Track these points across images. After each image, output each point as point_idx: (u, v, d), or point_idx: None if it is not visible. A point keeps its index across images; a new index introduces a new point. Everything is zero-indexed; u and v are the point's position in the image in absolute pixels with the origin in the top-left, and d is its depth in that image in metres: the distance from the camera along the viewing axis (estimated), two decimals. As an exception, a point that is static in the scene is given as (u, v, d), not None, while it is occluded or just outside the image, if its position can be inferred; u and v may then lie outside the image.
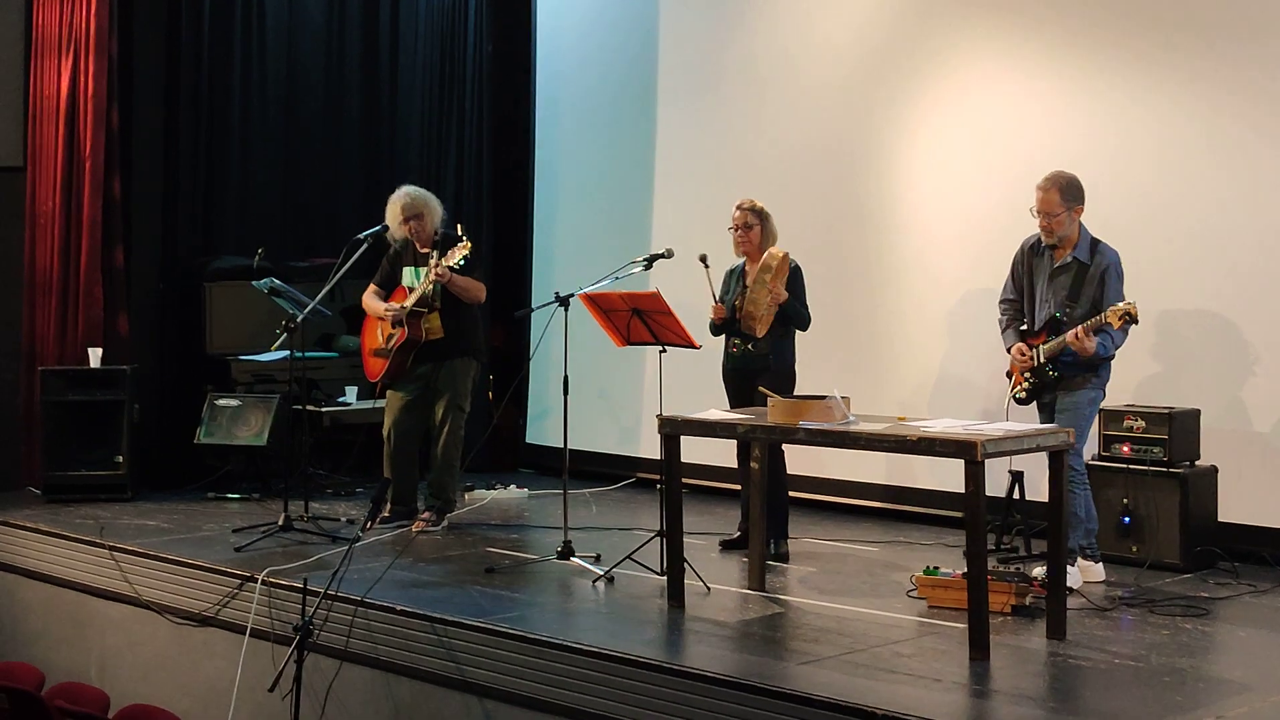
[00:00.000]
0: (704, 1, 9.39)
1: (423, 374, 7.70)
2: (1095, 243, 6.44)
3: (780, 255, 6.88)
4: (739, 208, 7.15)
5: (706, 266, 7.00)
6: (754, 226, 7.11)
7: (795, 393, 6.87)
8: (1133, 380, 7.11)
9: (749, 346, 7.06)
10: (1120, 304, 6.21)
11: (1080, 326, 6.25)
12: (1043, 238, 6.47)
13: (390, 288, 7.76)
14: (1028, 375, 6.51)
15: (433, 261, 7.45)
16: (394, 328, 7.56)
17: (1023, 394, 6.56)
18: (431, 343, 7.60)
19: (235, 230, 9.65)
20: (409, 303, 7.52)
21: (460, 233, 7.50)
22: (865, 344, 8.37)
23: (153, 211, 9.35)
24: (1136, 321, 6.20)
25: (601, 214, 9.92)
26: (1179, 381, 7.13)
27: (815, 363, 7.56)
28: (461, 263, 7.40)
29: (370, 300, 7.78)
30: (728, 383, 7.23)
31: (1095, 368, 6.39)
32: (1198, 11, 7.18)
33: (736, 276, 7.23)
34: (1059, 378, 6.41)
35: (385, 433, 7.78)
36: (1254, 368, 6.96)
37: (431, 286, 7.47)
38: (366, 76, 10.28)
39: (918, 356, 8.16)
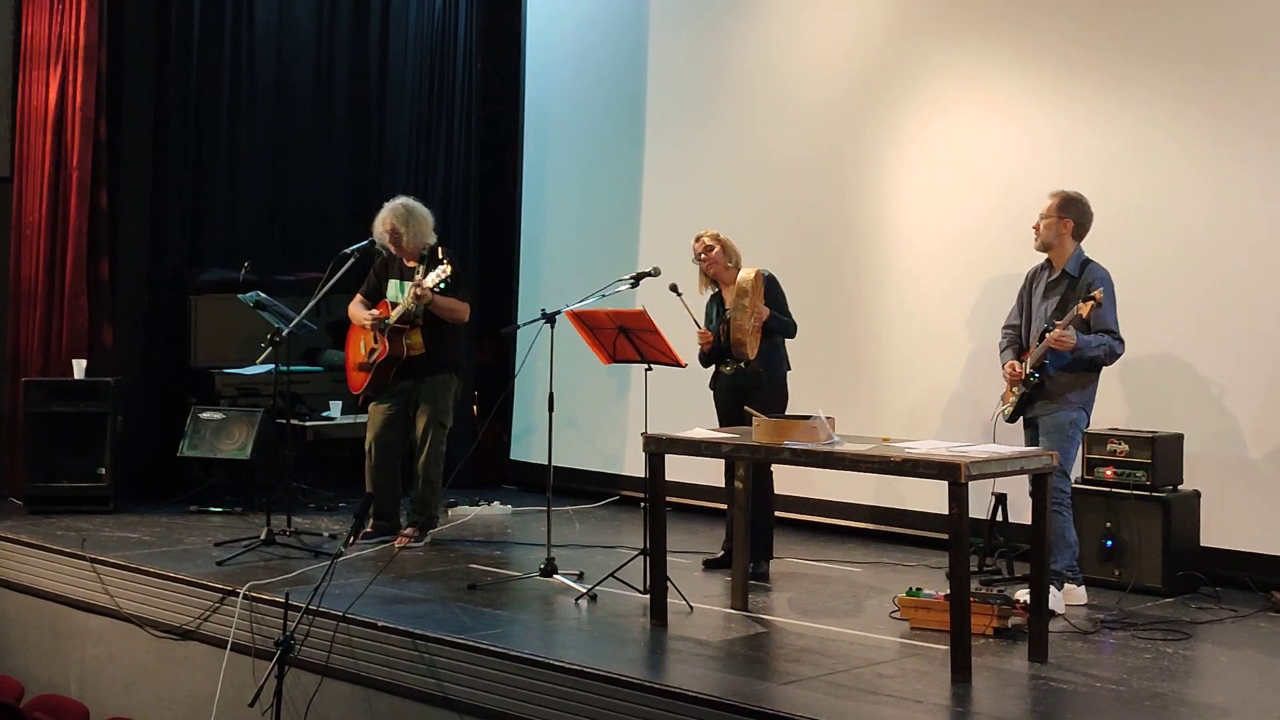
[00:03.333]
0: (692, 21, 9.42)
1: (404, 389, 7.69)
2: (1087, 261, 6.51)
3: (753, 275, 6.91)
4: (697, 239, 7.23)
5: (679, 294, 7.02)
6: (714, 248, 7.18)
7: (788, 407, 6.89)
8: (1116, 404, 7.13)
9: (740, 365, 7.06)
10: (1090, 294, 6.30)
11: (1058, 325, 6.30)
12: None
13: (375, 299, 7.76)
14: (1015, 389, 6.55)
15: (416, 280, 7.44)
16: (375, 341, 7.56)
17: (1009, 410, 6.59)
18: (413, 358, 7.59)
19: (222, 242, 9.64)
20: (392, 319, 7.52)
21: (442, 255, 7.48)
22: (861, 360, 8.36)
23: (139, 223, 9.33)
24: (1100, 305, 6.27)
25: (588, 231, 9.93)
26: (1162, 405, 7.14)
27: (808, 380, 7.57)
28: (442, 286, 7.39)
29: (355, 309, 7.79)
30: (719, 401, 7.23)
31: (1076, 372, 6.40)
32: (1178, 37, 7.22)
33: (716, 303, 7.25)
34: (1040, 385, 6.44)
35: (367, 447, 7.76)
36: (1237, 393, 6.98)
37: (414, 305, 7.47)
38: (355, 91, 10.28)
39: (909, 373, 8.16)
